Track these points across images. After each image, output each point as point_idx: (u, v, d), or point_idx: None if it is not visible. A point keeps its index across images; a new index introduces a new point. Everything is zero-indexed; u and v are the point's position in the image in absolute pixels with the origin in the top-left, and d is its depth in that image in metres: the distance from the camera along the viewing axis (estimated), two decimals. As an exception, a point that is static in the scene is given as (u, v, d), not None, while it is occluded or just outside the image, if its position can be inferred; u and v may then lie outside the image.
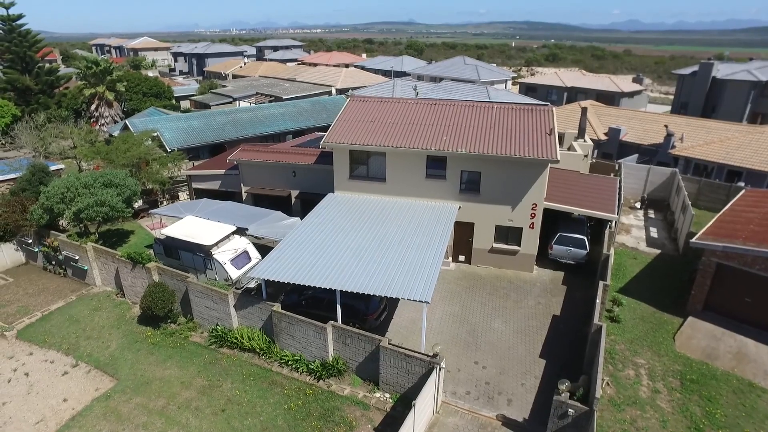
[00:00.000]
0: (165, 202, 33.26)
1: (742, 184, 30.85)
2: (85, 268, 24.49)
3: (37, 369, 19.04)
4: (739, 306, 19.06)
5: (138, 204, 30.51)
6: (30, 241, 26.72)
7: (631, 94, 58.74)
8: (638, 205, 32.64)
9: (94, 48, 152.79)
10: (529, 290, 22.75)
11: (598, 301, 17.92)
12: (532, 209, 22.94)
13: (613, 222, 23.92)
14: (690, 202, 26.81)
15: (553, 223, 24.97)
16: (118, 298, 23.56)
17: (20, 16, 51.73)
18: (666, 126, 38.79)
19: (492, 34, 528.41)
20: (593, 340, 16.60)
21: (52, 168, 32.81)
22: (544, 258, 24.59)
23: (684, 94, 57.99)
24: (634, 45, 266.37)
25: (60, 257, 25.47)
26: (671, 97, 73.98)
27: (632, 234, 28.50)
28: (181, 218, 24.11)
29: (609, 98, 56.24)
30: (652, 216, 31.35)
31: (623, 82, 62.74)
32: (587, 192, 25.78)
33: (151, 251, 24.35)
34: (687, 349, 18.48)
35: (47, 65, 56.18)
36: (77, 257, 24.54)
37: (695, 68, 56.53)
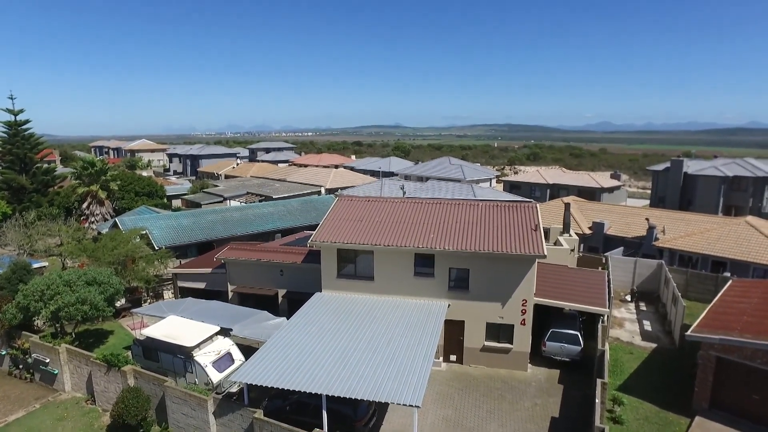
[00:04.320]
0: (149, 301, 32.40)
1: (728, 274, 31.13)
2: (55, 372, 23.06)
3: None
4: (748, 403, 18.22)
5: (120, 303, 29.64)
6: (-2, 343, 25.40)
7: (611, 190, 61.16)
8: (629, 297, 32.49)
9: (93, 149, 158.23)
10: (525, 390, 21.70)
11: (597, 401, 17.08)
12: (523, 305, 22.66)
13: (606, 316, 23.59)
14: (680, 294, 26.77)
15: (545, 319, 24.56)
16: (88, 405, 21.93)
17: (26, 122, 54.25)
18: (647, 219, 39.91)
19: (475, 135, 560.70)
20: (597, 446, 15.54)
21: (35, 265, 32.25)
22: (537, 355, 23.82)
23: (660, 189, 60.60)
24: (608, 144, 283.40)
25: (29, 360, 24.07)
26: (648, 191, 77.19)
27: (626, 328, 28.01)
28: (164, 318, 23.35)
29: (590, 194, 58.41)
30: (644, 308, 31.08)
31: (602, 179, 65.63)
32: (577, 286, 25.73)
33: (129, 353, 23.22)
34: (697, 454, 17.31)
35: (45, 165, 57.67)
36: (48, 360, 23.20)
37: (667, 165, 59.69)
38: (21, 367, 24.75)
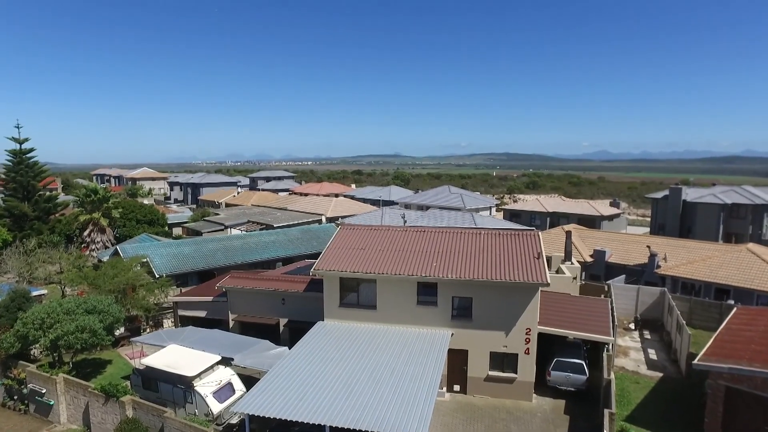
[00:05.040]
0: (148, 330, 32.05)
1: (732, 302, 30.94)
2: (51, 403, 22.64)
3: None
4: (760, 435, 17.83)
5: (119, 331, 29.32)
6: (-6, 373, 24.98)
7: (611, 217, 61.30)
8: (632, 326, 32.21)
9: (95, 177, 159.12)
10: (530, 421, 21.25)
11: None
12: (527, 334, 22.45)
13: (610, 345, 23.34)
14: (684, 322, 26.55)
15: (549, 348, 24.29)
16: (84, 439, 21.46)
17: (31, 150, 54.82)
18: (648, 247, 39.92)
19: (474, 164, 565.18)
20: (607, 480, 15.15)
21: (34, 293, 32.06)
22: (542, 385, 23.44)
23: (660, 216, 60.78)
24: (606, 173, 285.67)
25: (24, 391, 23.64)
26: (648, 219, 77.41)
27: (631, 356, 27.67)
28: (164, 347, 23.11)
29: (590, 222, 58.52)
30: (648, 337, 30.76)
31: (602, 207, 65.88)
32: (580, 314, 25.54)
33: (128, 383, 22.85)
34: (709, 488, 16.85)
35: (47, 193, 57.96)
36: (44, 390, 22.81)
37: (666, 193, 60.06)
38: (15, 398, 24.31)
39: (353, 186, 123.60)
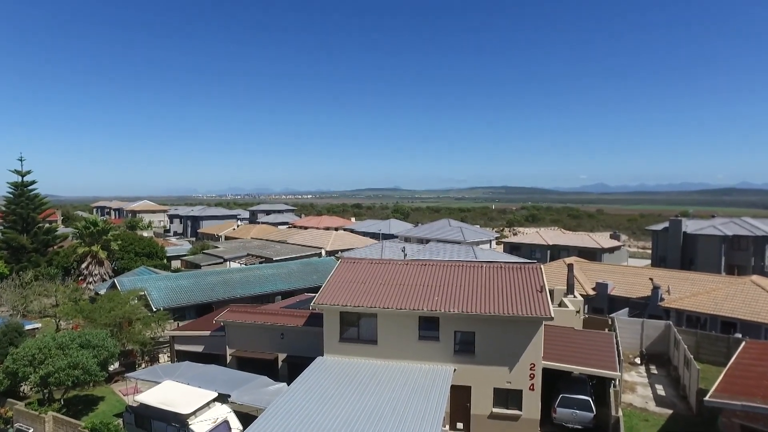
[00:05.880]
0: (144, 365, 31.30)
1: (739, 335, 30.39)
2: (38, 444, 21.83)
3: None
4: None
5: (114, 366, 28.59)
6: (-22, 413, 24.17)
7: (611, 250, 61.04)
8: (638, 360, 31.53)
9: (95, 210, 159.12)
10: (538, 462, 20.49)
11: (616, 474, 16.07)
12: (531, 369, 21.92)
13: (617, 380, 22.76)
14: (692, 356, 25.98)
15: (553, 384, 23.68)
16: (71, 482, 20.58)
17: (32, 182, 55.14)
18: (651, 279, 39.54)
19: (473, 198, 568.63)
20: None
21: (28, 327, 31.48)
22: (548, 422, 22.70)
23: (660, 249, 60.52)
24: (604, 205, 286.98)
25: (10, 430, 22.80)
26: (649, 251, 77.06)
27: (638, 392, 26.95)
28: (159, 383, 22.49)
29: (591, 254, 58.22)
30: (655, 372, 30.06)
31: (602, 239, 65.69)
32: (585, 349, 25.01)
33: (120, 421, 22.11)
34: None
35: (46, 225, 57.87)
36: (31, 430, 22.00)
37: (666, 225, 60.02)
38: (1, 439, 23.47)
39: (353, 219, 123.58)
